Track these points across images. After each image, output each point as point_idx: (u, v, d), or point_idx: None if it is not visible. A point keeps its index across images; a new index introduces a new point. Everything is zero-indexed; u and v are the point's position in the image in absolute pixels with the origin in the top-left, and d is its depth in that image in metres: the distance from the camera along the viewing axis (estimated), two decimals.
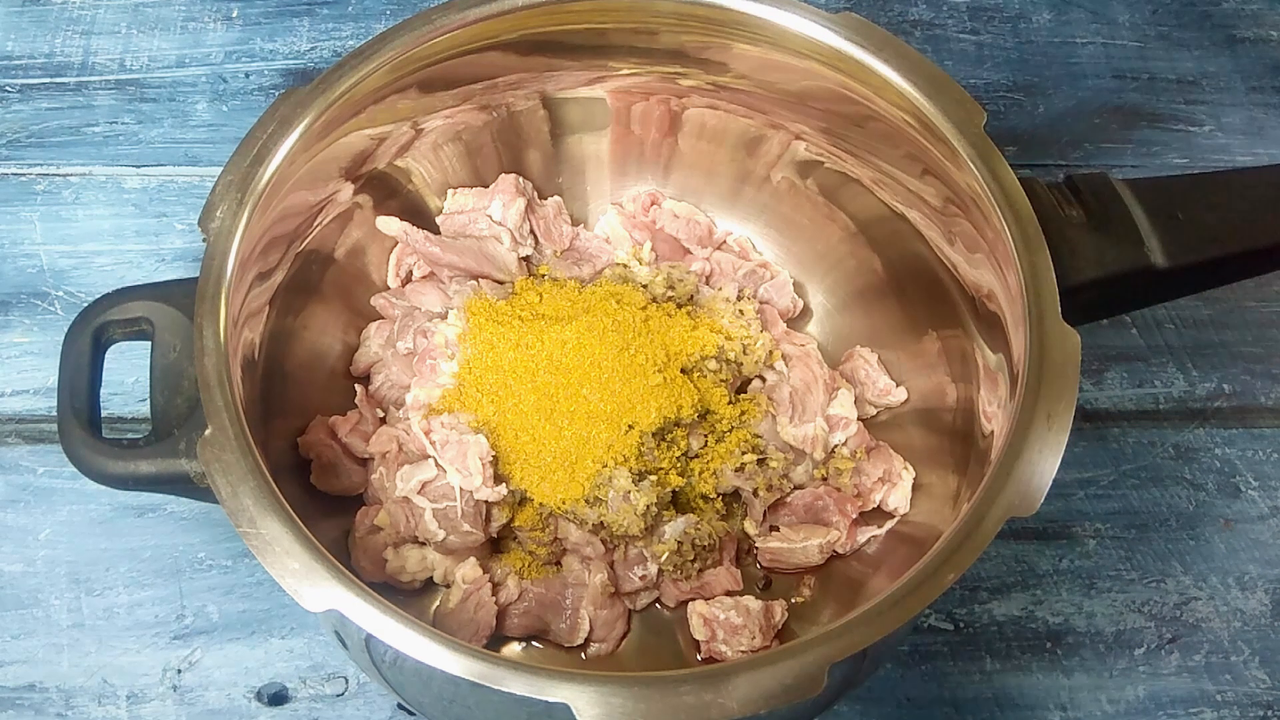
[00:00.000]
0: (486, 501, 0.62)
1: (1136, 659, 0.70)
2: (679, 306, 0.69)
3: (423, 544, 0.64)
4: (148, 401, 0.55)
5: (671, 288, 0.70)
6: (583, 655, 0.65)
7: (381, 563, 0.63)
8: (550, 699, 0.46)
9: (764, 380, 0.69)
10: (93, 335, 0.56)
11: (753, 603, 0.64)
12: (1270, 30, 0.94)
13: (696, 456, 0.66)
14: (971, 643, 0.70)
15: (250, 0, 0.90)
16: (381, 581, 0.63)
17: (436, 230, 0.71)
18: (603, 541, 0.64)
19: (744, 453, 0.65)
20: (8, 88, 0.86)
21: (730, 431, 0.67)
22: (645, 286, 0.70)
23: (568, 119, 0.72)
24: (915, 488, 0.67)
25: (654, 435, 0.63)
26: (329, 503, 0.65)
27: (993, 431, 0.59)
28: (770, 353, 0.69)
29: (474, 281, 0.69)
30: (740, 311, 0.69)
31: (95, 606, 0.69)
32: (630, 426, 0.62)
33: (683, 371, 0.65)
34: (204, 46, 0.88)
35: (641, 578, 0.64)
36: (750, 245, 0.75)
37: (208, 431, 0.51)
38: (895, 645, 0.69)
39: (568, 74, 0.68)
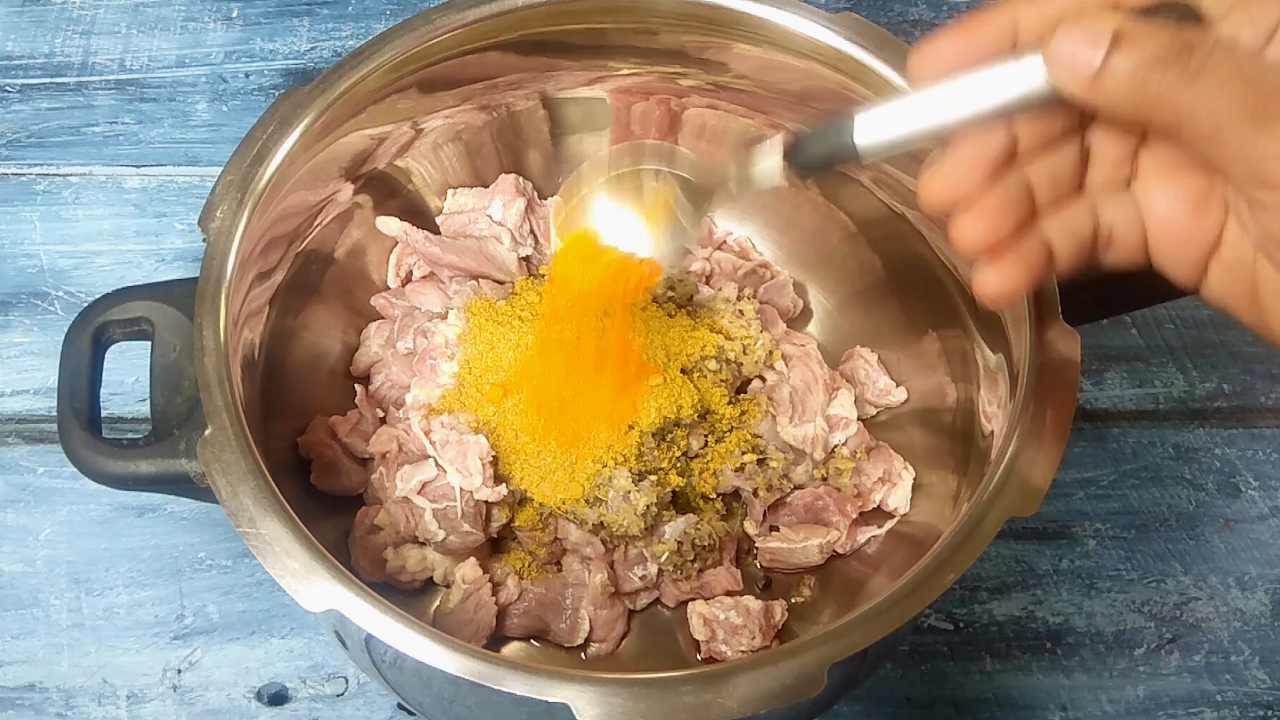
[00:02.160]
0: (486, 501, 0.62)
1: (1136, 659, 0.70)
2: (679, 306, 0.69)
3: (423, 544, 0.64)
4: (148, 401, 0.55)
5: (671, 288, 0.70)
6: (583, 655, 0.65)
7: (381, 563, 0.63)
8: (550, 699, 0.46)
9: (764, 380, 0.69)
10: (93, 335, 0.56)
11: (753, 603, 0.64)
12: None
13: (696, 456, 0.66)
14: (971, 643, 0.70)
15: (250, 0, 0.90)
16: (381, 581, 0.63)
17: (436, 230, 0.71)
18: (603, 541, 0.64)
19: (744, 453, 0.65)
20: (8, 88, 0.86)
21: (730, 431, 0.67)
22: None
23: (568, 119, 0.72)
24: (915, 488, 0.67)
25: (654, 435, 0.63)
26: (329, 503, 0.65)
27: (993, 431, 0.59)
28: (770, 353, 0.69)
29: (474, 281, 0.69)
30: (740, 311, 0.69)
31: (95, 606, 0.69)
32: (630, 426, 0.62)
33: (683, 371, 0.65)
34: (204, 46, 0.88)
35: (641, 578, 0.64)
36: (750, 245, 0.75)
37: (208, 431, 0.51)
38: (895, 645, 0.69)
39: (568, 74, 0.68)
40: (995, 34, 0.41)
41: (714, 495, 0.66)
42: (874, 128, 0.43)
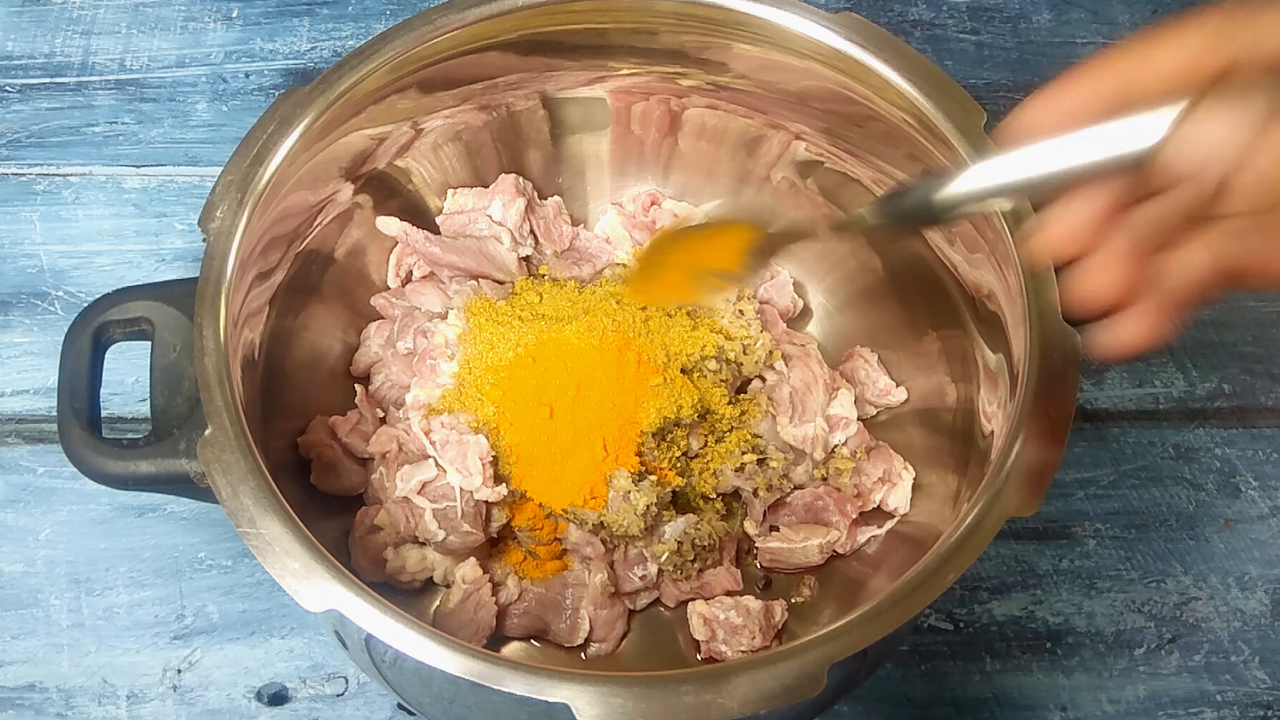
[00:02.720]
0: (486, 501, 0.62)
1: (1136, 659, 0.70)
2: (679, 306, 0.69)
3: (423, 544, 0.64)
4: (148, 401, 0.55)
5: None
6: (583, 655, 0.65)
7: (381, 563, 0.63)
8: (550, 699, 0.46)
9: (764, 380, 0.69)
10: (93, 335, 0.56)
11: (753, 603, 0.64)
12: None
13: (696, 456, 0.66)
14: (971, 643, 0.70)
15: (250, 0, 0.90)
16: (381, 581, 0.63)
17: (436, 230, 0.71)
18: (603, 541, 0.64)
19: (744, 453, 0.65)
20: (8, 88, 0.86)
21: (730, 431, 0.67)
22: None
23: (568, 119, 0.72)
24: (915, 488, 0.67)
25: (654, 435, 0.63)
26: (329, 503, 0.65)
27: (993, 431, 0.59)
28: (770, 353, 0.69)
29: (474, 281, 0.69)
30: (740, 311, 0.69)
31: (95, 606, 0.69)
32: (630, 426, 0.62)
33: (683, 371, 0.65)
34: (204, 46, 0.88)
35: (641, 578, 0.64)
36: None
37: (208, 431, 0.51)
38: (895, 645, 0.69)
39: (568, 74, 0.68)
40: (1104, 93, 0.37)
41: (714, 495, 0.66)
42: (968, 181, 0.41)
